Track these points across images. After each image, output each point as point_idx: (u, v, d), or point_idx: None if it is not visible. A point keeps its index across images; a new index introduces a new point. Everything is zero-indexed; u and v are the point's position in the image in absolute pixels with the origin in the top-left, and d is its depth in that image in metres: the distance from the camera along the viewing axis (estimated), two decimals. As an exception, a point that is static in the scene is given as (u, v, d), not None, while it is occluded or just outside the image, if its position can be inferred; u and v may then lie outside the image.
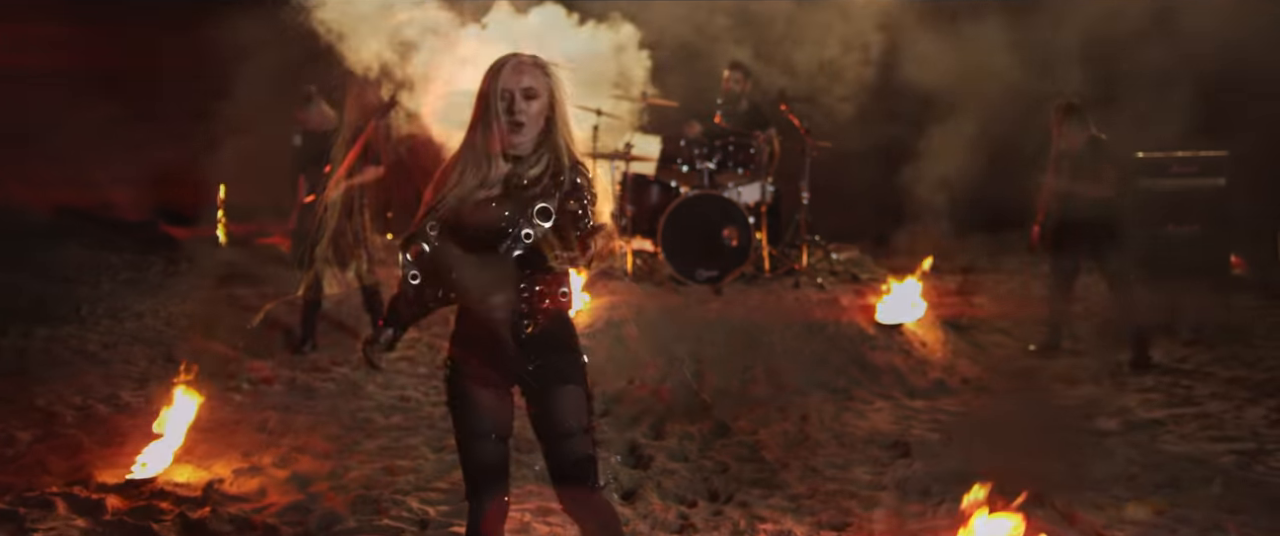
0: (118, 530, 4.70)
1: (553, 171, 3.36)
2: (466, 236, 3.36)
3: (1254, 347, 8.48)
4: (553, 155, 3.38)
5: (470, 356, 3.43)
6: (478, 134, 3.39)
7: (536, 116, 3.36)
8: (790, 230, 9.40)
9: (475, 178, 3.37)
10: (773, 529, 4.94)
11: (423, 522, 4.98)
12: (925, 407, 7.02)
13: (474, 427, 3.46)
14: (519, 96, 3.32)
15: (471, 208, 3.35)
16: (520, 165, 3.37)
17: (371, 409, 6.89)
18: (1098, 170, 7.74)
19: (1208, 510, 5.13)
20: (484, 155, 3.37)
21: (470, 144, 3.41)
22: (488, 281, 3.35)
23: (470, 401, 3.45)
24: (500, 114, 3.33)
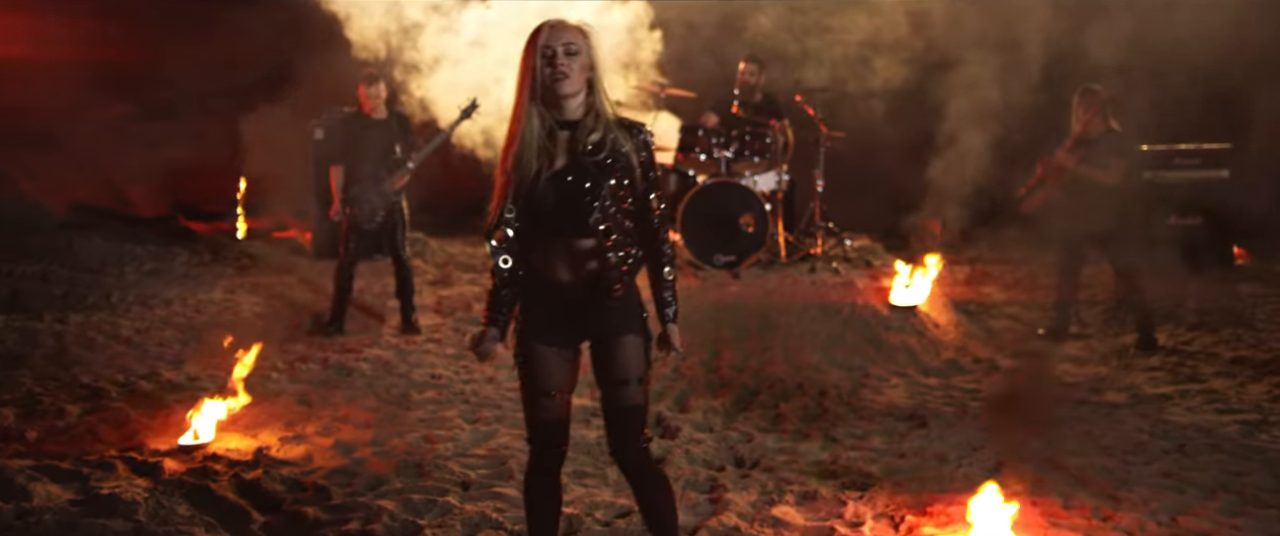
0: (177, 488, 4.93)
1: (610, 136, 3.54)
2: (545, 211, 3.52)
3: (1256, 330, 8.71)
4: (602, 119, 3.55)
5: (543, 318, 3.64)
6: (525, 105, 3.53)
7: (579, 73, 3.50)
8: (804, 218, 9.64)
9: (537, 151, 3.52)
10: (799, 489, 5.19)
11: (464, 484, 5.22)
12: (939, 385, 7.26)
13: (541, 385, 3.66)
14: (560, 52, 3.47)
15: (545, 183, 3.51)
16: (578, 132, 3.54)
17: (406, 385, 7.14)
18: (1108, 160, 7.96)
19: (1214, 472, 5.37)
20: (537, 122, 3.53)
21: (522, 118, 3.56)
22: (570, 251, 3.54)
23: (539, 361, 3.65)
24: (543, 71, 3.47)
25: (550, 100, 3.53)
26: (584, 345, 3.73)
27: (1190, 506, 4.94)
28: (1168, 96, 9.80)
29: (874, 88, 9.19)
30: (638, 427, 3.68)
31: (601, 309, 3.59)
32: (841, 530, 4.67)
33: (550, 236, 3.57)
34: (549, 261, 3.58)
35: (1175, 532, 4.65)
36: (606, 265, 3.55)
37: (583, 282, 3.58)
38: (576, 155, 3.53)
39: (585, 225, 3.52)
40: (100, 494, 4.76)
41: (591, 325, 3.63)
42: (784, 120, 9.27)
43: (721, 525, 4.68)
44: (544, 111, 3.55)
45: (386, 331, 8.84)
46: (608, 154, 3.54)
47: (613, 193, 3.53)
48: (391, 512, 4.77)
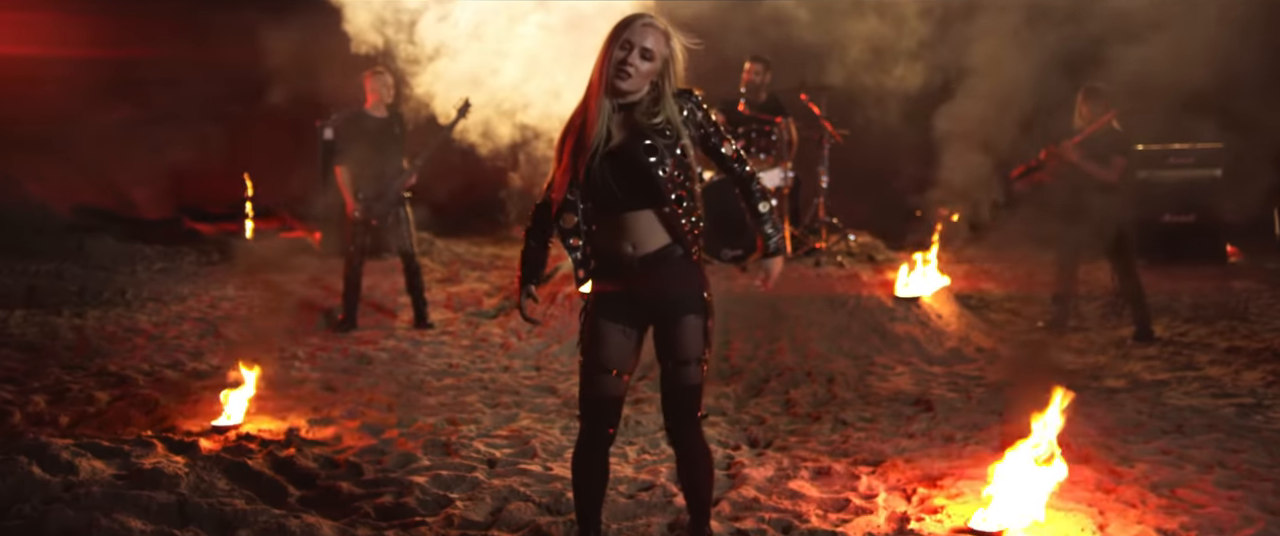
0: (215, 464, 5.11)
1: (668, 110, 3.62)
2: (611, 186, 3.61)
3: (1249, 323, 8.95)
4: (664, 100, 3.63)
5: (611, 297, 3.74)
6: (598, 90, 3.61)
7: (645, 75, 3.59)
8: (809, 214, 9.85)
9: (600, 133, 3.60)
10: (813, 466, 5.38)
11: (490, 462, 5.40)
12: (943, 372, 7.47)
13: (602, 361, 3.73)
14: (636, 52, 3.56)
15: (606, 159, 3.60)
16: (638, 112, 3.62)
17: (424, 373, 7.33)
18: (1108, 157, 8.18)
19: (1211, 449, 5.58)
20: (600, 106, 3.61)
21: (589, 100, 3.65)
22: (640, 223, 3.63)
23: (604, 336, 3.73)
24: (615, 58, 3.57)
25: (612, 91, 3.62)
26: (648, 330, 3.83)
27: (1188, 480, 5.14)
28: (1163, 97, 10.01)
29: (877, 87, 9.38)
30: (694, 406, 3.77)
31: (667, 285, 3.67)
32: (856, 501, 4.86)
33: (618, 211, 3.64)
34: (618, 237, 3.66)
35: (1175, 503, 4.85)
36: (677, 232, 3.62)
37: (651, 256, 3.65)
38: (636, 130, 3.61)
39: (654, 195, 3.59)
40: (143, 468, 4.94)
41: (656, 304, 3.71)
42: (789, 118, 9.48)
43: (741, 497, 4.87)
44: (607, 99, 3.64)
45: (399, 326, 9.03)
46: (666, 127, 3.61)
47: (676, 162, 3.60)
48: (422, 487, 4.95)
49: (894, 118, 9.45)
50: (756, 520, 4.59)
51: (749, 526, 4.51)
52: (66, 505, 4.47)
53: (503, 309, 9.38)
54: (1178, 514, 4.70)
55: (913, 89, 9.30)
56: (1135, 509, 4.76)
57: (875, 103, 9.45)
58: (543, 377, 7.31)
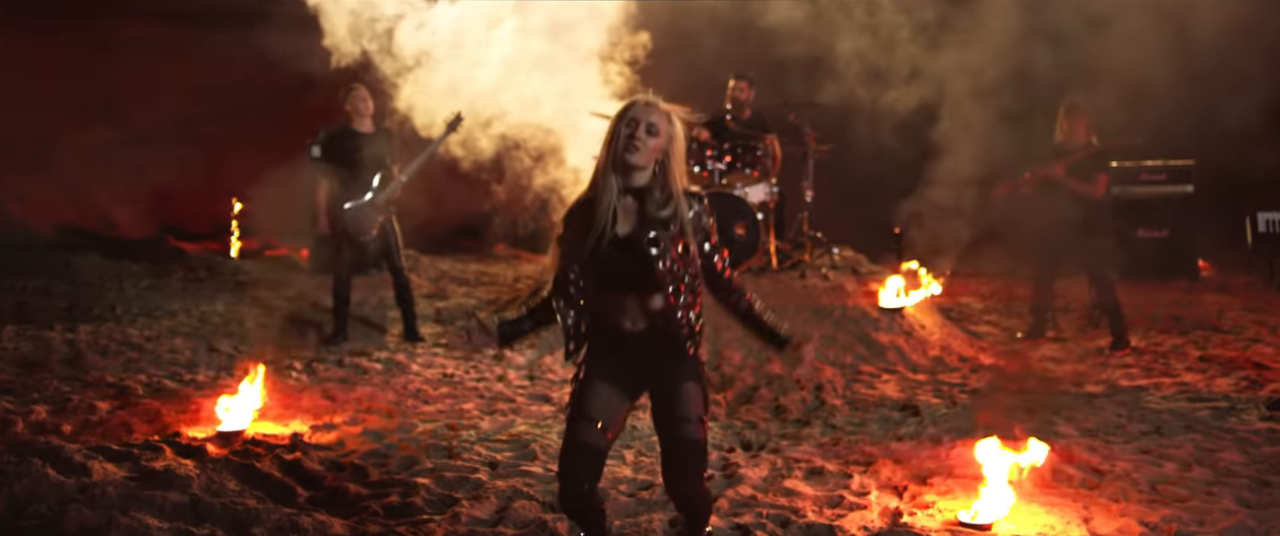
0: (224, 466, 5.23)
1: (677, 207, 3.70)
2: (613, 270, 3.70)
3: (1222, 333, 9.19)
4: (672, 193, 3.72)
5: (606, 362, 3.81)
6: (604, 169, 3.71)
7: (652, 151, 3.68)
8: (793, 228, 10.04)
9: (606, 215, 3.68)
10: (806, 467, 5.55)
11: (492, 464, 5.54)
12: (928, 380, 7.65)
13: (587, 411, 3.77)
14: (642, 127, 3.66)
15: (611, 245, 3.68)
16: (648, 203, 3.70)
17: (421, 382, 7.45)
18: (1089, 172, 8.41)
19: (1189, 449, 5.78)
20: (607, 184, 3.69)
21: (596, 183, 3.73)
22: (638, 305, 3.72)
23: (593, 390, 3.79)
24: (622, 136, 3.67)
25: (620, 167, 3.70)
26: (641, 397, 3.91)
27: (1168, 477, 5.34)
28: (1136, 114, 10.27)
29: (860, 103, 9.61)
30: (696, 464, 3.77)
31: (664, 359, 3.76)
32: (850, 498, 5.03)
33: (618, 292, 3.75)
34: (617, 314, 3.76)
35: (1156, 499, 5.04)
36: (673, 321, 3.72)
37: (649, 331, 3.75)
38: (643, 219, 3.70)
39: (652, 281, 3.68)
40: (154, 470, 5.05)
41: (652, 374, 3.79)
42: (772, 135, 9.68)
43: (739, 495, 5.03)
44: (616, 177, 3.70)
45: (390, 339, 9.14)
46: (674, 220, 3.70)
47: (677, 255, 3.69)
48: (427, 487, 5.08)
49: (878, 134, 9.67)
50: (754, 515, 4.75)
51: (748, 521, 4.67)
52: (83, 504, 4.59)
53: (493, 322, 9.49)
54: (1159, 508, 4.89)
55: (897, 106, 9.53)
56: (1118, 504, 4.95)
57: (860, 119, 9.67)
58: (537, 387, 7.45)
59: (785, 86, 10.12)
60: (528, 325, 3.96)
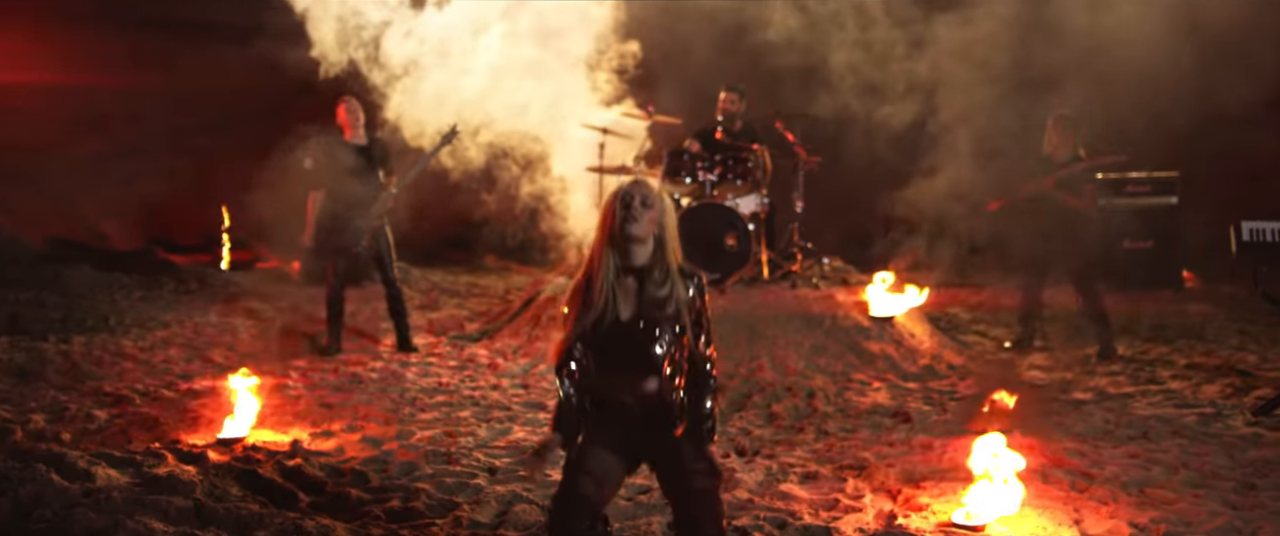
0: (226, 472, 5.28)
1: (674, 285, 3.82)
2: (614, 352, 3.82)
3: (1207, 342, 9.31)
4: (669, 272, 3.83)
5: (606, 430, 3.90)
6: (603, 250, 3.84)
7: (650, 223, 3.80)
8: (784, 238, 10.14)
9: (607, 294, 3.80)
10: (800, 471, 5.63)
11: (491, 470, 5.60)
12: (918, 387, 7.75)
13: (584, 465, 3.83)
14: (637, 201, 3.79)
15: (613, 326, 3.80)
16: (648, 284, 3.81)
17: (416, 391, 7.52)
18: (1077, 185, 8.53)
19: (1175, 453, 5.88)
20: (611, 268, 3.82)
21: (597, 261, 3.85)
22: (635, 385, 3.83)
23: (591, 451, 3.86)
24: (619, 214, 3.78)
25: (621, 245, 3.81)
26: (639, 467, 4.00)
27: (1156, 480, 5.44)
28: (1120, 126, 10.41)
29: (852, 116, 9.73)
30: (715, 515, 3.76)
31: (662, 432, 3.85)
32: (845, 501, 5.11)
33: (616, 371, 3.85)
34: (614, 390, 3.87)
35: (1145, 501, 5.13)
36: (668, 402, 3.83)
37: (646, 408, 3.85)
38: (643, 302, 3.82)
39: (651, 365, 3.81)
40: (157, 476, 5.10)
41: (652, 446, 3.89)
42: (762, 146, 9.78)
43: (735, 499, 5.11)
44: (615, 257, 3.83)
45: (383, 350, 9.19)
46: (671, 301, 3.81)
47: (675, 338, 3.82)
48: (428, 493, 5.14)
49: (868, 146, 9.77)
50: (752, 518, 4.83)
51: (746, 523, 4.75)
52: (89, 509, 4.63)
53: (486, 333, 9.56)
54: (1147, 509, 4.99)
55: (888, 119, 9.65)
56: (1108, 506, 5.05)
57: (850, 131, 9.78)
58: (532, 395, 7.51)
59: (777, 98, 10.24)
60: (572, 420, 3.95)
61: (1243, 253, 6.68)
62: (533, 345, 8.66)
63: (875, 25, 9.95)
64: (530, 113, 11.06)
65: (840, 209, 11.08)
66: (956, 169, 10.07)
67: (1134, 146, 11.37)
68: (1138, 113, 9.74)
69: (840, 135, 10.05)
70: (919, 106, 9.88)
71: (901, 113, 9.79)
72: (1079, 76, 9.86)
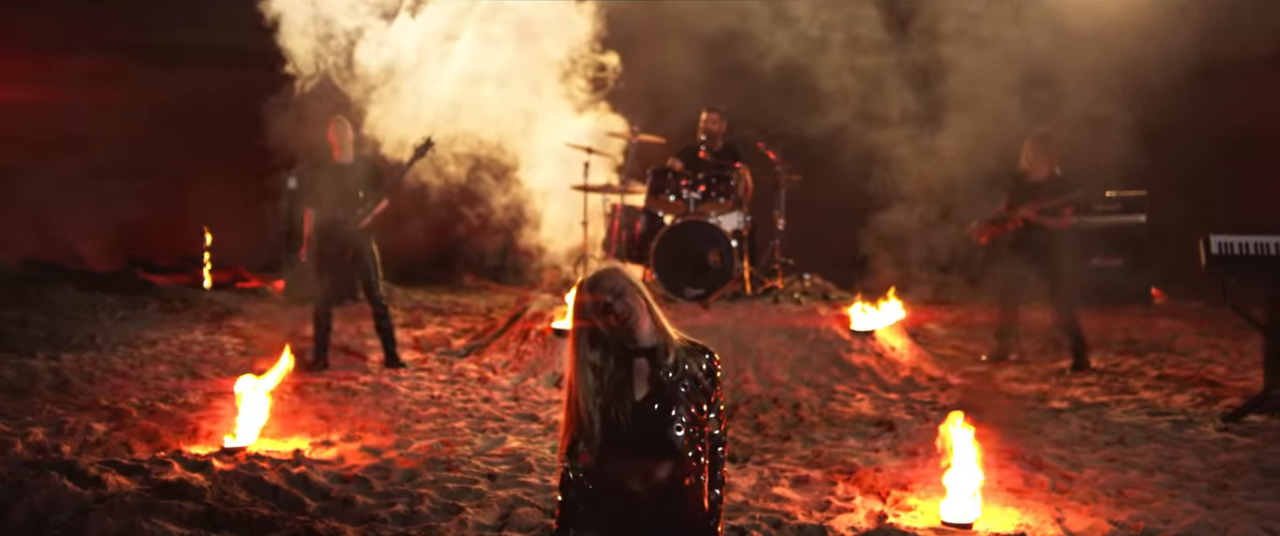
0: (233, 479, 5.41)
1: (684, 361, 3.67)
2: (630, 436, 3.62)
3: (1177, 355, 9.58)
4: (674, 346, 3.68)
5: (602, 523, 3.70)
6: (583, 350, 3.67)
7: (638, 306, 3.61)
8: (765, 255, 10.36)
9: (613, 384, 3.64)
10: (791, 476, 5.82)
11: (491, 476, 5.75)
12: (899, 398, 7.95)
13: None
14: (610, 297, 3.59)
15: (630, 411, 3.62)
16: (655, 360, 3.65)
17: (410, 404, 7.65)
18: (1058, 208, 8.79)
19: (1150, 457, 6.11)
20: (603, 358, 3.66)
21: (579, 364, 3.67)
22: (651, 471, 3.63)
23: None
24: (607, 322, 3.61)
25: (622, 336, 3.65)
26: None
27: (1132, 483, 5.66)
28: (1091, 146, 10.72)
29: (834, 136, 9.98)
30: None
31: (673, 513, 3.68)
32: (836, 502, 5.30)
33: (631, 457, 3.66)
34: (622, 475, 3.67)
35: (1123, 501, 5.35)
36: (685, 485, 3.66)
37: (653, 498, 3.66)
38: (658, 382, 3.64)
39: (671, 449, 3.62)
40: (167, 482, 5.23)
41: (653, 525, 3.68)
42: (744, 165, 10.00)
43: (731, 502, 5.29)
44: (613, 344, 3.66)
45: (371, 366, 9.30)
46: (684, 378, 3.65)
47: (692, 417, 3.64)
48: (431, 497, 5.29)
49: (850, 165, 10.00)
50: (748, 518, 5.00)
51: (743, 523, 4.92)
52: (104, 512, 4.76)
53: (473, 348, 9.70)
54: (1126, 509, 5.20)
55: (868, 138, 9.89)
56: (1089, 505, 5.26)
57: (832, 151, 10.01)
58: (523, 407, 7.66)
59: (757, 116, 10.47)
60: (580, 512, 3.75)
61: (1212, 265, 6.92)
62: (521, 360, 8.81)
63: (856, 45, 10.20)
64: (510, 130, 11.25)
65: (820, 226, 11.29)
66: (931, 188, 10.35)
67: (1103, 170, 11.74)
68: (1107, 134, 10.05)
69: (820, 154, 10.28)
70: (898, 125, 10.12)
71: (880, 132, 10.03)
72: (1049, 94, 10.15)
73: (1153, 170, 12.01)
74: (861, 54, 10.21)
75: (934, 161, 10.39)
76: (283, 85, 10.37)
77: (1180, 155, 11.58)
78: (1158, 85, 9.65)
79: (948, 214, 10.34)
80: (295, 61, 10.23)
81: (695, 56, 10.42)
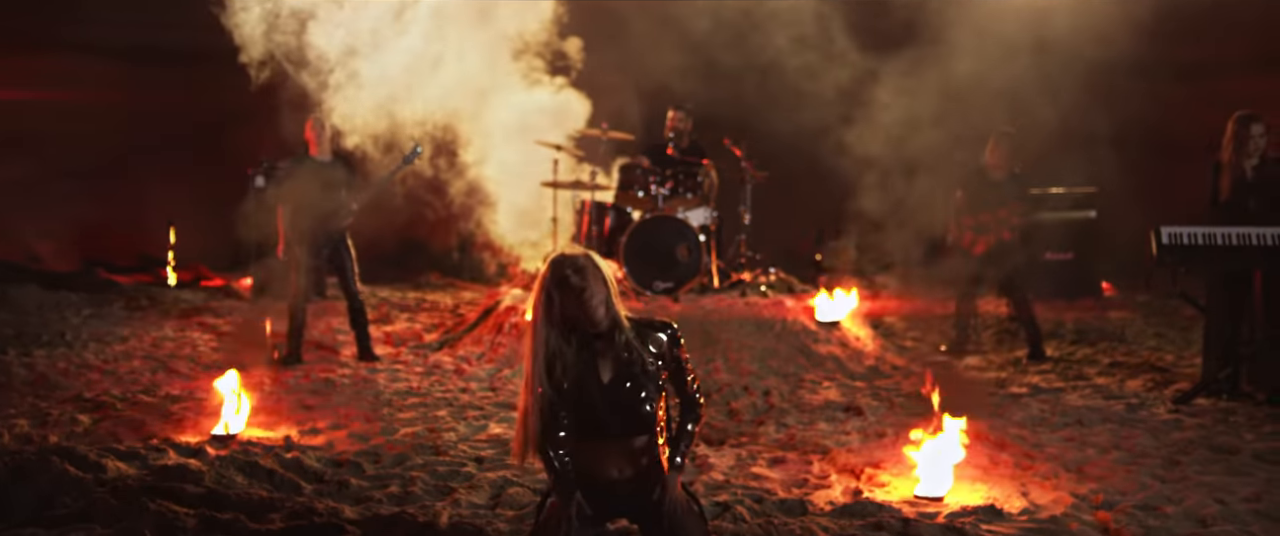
0: (229, 463, 5.56)
1: (643, 338, 3.85)
2: (601, 418, 3.82)
3: (1127, 344, 9.95)
4: (628, 327, 3.83)
5: (591, 501, 3.88)
6: (542, 330, 3.79)
7: (591, 284, 3.73)
8: (732, 249, 10.62)
9: (577, 366, 3.80)
10: (768, 456, 6.06)
11: (478, 460, 5.94)
12: (866, 386, 8.23)
13: (548, 529, 3.87)
14: (573, 276, 3.74)
15: (599, 393, 3.80)
16: (614, 341, 3.80)
17: (390, 394, 7.81)
18: (1012, 201, 9.10)
19: (1107, 437, 6.43)
20: (564, 342, 3.80)
21: (542, 342, 3.80)
22: (624, 450, 3.87)
23: (562, 522, 3.83)
24: (567, 297, 3.74)
25: (578, 319, 3.77)
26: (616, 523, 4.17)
27: (1091, 460, 5.97)
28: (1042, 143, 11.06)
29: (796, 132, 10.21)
30: None
31: (643, 494, 3.87)
32: (813, 480, 5.55)
33: (602, 439, 3.86)
34: (598, 461, 3.88)
35: (1083, 476, 5.65)
36: (656, 460, 3.89)
37: (632, 478, 3.88)
38: (621, 361, 3.81)
39: (644, 425, 3.84)
40: (166, 467, 5.37)
41: (635, 506, 3.92)
42: (710, 161, 10.25)
43: (712, 480, 5.52)
44: (569, 331, 3.81)
45: (345, 360, 9.42)
46: (651, 356, 3.84)
47: (658, 390, 3.86)
48: (423, 479, 5.47)
49: (812, 163, 10.25)
50: (730, 494, 5.24)
51: (725, 499, 5.15)
52: (108, 494, 4.90)
53: (446, 342, 9.85)
54: (1086, 483, 5.51)
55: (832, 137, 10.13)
56: (1051, 480, 5.56)
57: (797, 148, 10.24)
58: (501, 396, 7.84)
59: (724, 113, 10.72)
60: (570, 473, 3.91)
61: (1162, 254, 7.25)
62: (496, 351, 8.99)
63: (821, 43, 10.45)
64: (476, 128, 11.38)
65: (783, 222, 11.57)
66: (890, 183, 10.63)
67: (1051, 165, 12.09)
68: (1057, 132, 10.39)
69: (785, 151, 10.53)
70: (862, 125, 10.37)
71: (845, 130, 10.27)
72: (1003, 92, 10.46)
73: (1100, 169, 12.44)
74: (820, 54, 10.45)
75: (894, 160, 10.67)
76: (240, 82, 10.39)
77: (1125, 155, 12.00)
78: (1104, 87, 10.04)
79: (906, 210, 10.62)
80: (246, 47, 10.20)
81: (664, 48, 10.60)
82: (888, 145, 10.48)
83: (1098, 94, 10.43)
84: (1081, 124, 10.70)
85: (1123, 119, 10.80)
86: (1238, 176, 7.48)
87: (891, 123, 10.43)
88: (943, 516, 4.91)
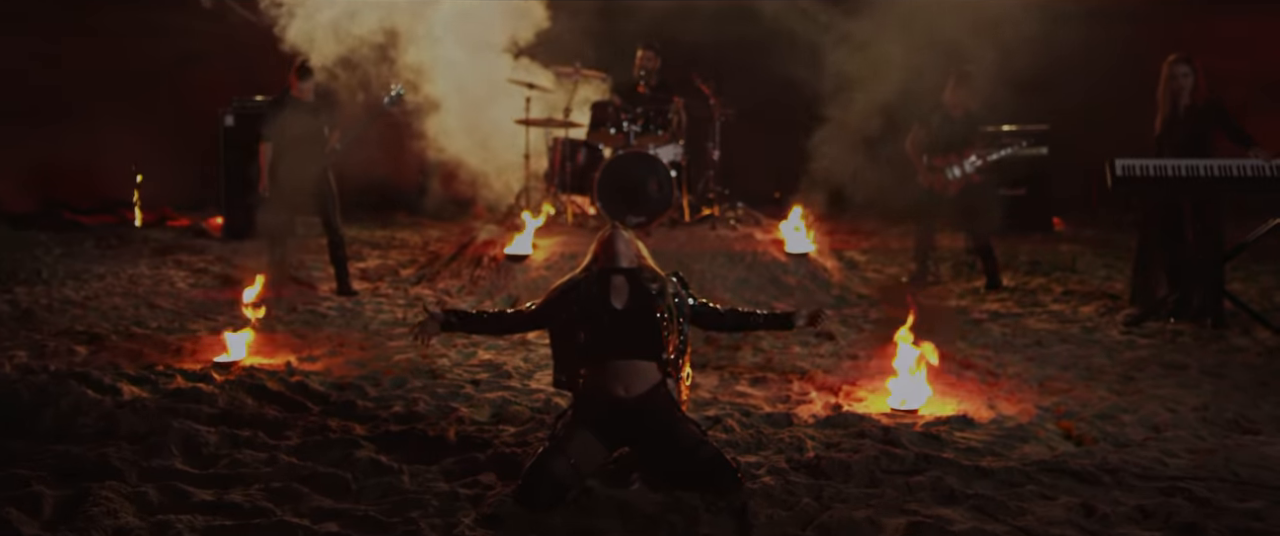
0: (236, 386, 5.80)
1: (657, 282, 4.63)
2: (615, 338, 4.45)
3: (1079, 274, 10.39)
4: (651, 270, 4.68)
5: (592, 420, 4.35)
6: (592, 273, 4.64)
7: (631, 243, 4.72)
8: (701, 184, 10.91)
9: (602, 291, 4.53)
10: (749, 377, 6.41)
11: (475, 382, 6.23)
12: (835, 314, 8.55)
13: (563, 447, 4.22)
14: (620, 233, 4.70)
15: (614, 317, 4.47)
16: (635, 278, 4.59)
17: (378, 324, 8.05)
18: (967, 137, 9.43)
19: (1065, 356, 6.84)
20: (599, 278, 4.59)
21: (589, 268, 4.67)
22: (634, 372, 4.40)
23: (575, 435, 4.28)
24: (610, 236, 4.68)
25: (610, 254, 4.64)
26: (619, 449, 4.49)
27: (1052, 376, 6.38)
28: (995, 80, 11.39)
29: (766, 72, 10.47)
30: (730, 469, 4.17)
31: (655, 413, 4.37)
32: (794, 396, 5.91)
33: (616, 358, 4.41)
34: (609, 379, 4.39)
35: (1044, 390, 6.06)
36: (664, 386, 4.46)
37: (639, 398, 4.38)
38: (638, 295, 4.53)
39: (655, 352, 4.43)
40: (180, 389, 5.61)
41: (636, 431, 4.36)
42: (679, 99, 10.50)
43: (700, 397, 5.85)
44: (595, 271, 4.66)
45: (324, 294, 9.60)
46: (661, 295, 4.58)
47: (671, 325, 4.52)
48: (425, 400, 5.75)
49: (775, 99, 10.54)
50: (719, 410, 5.58)
51: (715, 413, 5.49)
52: (129, 413, 5.13)
53: (423, 276, 10.07)
54: (1048, 397, 5.92)
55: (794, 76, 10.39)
56: (1016, 395, 5.96)
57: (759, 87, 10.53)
58: (485, 327, 8.10)
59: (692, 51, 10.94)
60: (472, 325, 4.93)
61: (1117, 186, 7.63)
62: (476, 284, 9.23)
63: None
64: (448, 64, 11.49)
65: (749, 158, 11.85)
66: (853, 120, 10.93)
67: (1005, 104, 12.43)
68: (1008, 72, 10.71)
69: (751, 88, 10.80)
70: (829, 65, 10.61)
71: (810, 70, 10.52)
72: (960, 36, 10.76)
73: (1050, 106, 12.84)
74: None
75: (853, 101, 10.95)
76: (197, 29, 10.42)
77: (1073, 93, 12.41)
78: (1052, 27, 10.33)
79: (866, 147, 10.92)
80: None
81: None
82: (849, 90, 10.76)
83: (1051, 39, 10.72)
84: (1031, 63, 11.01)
85: (1072, 61, 11.16)
86: (1167, 113, 7.92)
87: (854, 69, 10.70)
88: (919, 425, 5.28)
